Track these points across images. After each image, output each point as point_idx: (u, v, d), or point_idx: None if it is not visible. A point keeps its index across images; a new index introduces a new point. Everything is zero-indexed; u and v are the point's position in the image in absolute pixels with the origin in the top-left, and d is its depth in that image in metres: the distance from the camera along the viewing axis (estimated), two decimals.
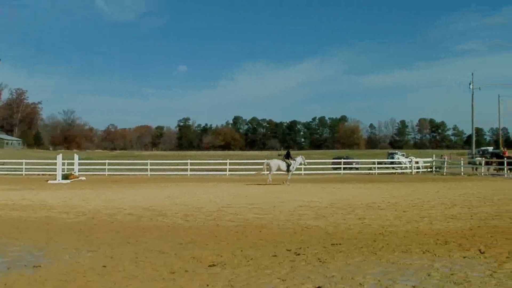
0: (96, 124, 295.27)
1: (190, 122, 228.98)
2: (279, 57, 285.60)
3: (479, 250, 9.95)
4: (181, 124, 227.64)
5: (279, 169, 34.51)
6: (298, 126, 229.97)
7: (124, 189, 28.46)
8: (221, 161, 55.67)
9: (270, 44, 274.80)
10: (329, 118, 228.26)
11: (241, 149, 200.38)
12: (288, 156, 34.97)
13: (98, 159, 60.92)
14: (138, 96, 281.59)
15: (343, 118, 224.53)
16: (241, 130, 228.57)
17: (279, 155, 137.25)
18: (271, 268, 8.68)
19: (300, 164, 35.79)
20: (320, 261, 9.18)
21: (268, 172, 34.69)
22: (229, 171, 49.31)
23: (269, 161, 36.20)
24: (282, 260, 9.28)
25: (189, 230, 13.17)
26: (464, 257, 9.39)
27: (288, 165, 34.18)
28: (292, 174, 35.17)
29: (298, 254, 9.81)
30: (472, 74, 70.46)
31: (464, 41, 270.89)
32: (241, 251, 10.24)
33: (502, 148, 56.31)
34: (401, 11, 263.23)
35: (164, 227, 13.85)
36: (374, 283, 7.64)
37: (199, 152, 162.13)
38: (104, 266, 8.89)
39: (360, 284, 7.58)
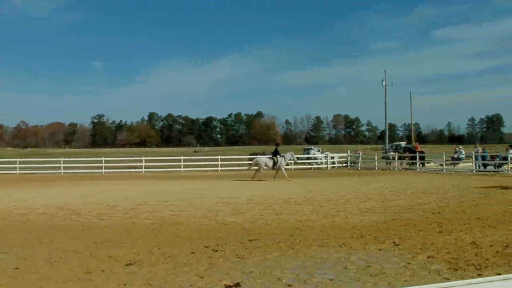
0: (6, 121, 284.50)
1: (105, 119, 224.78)
2: (196, 54, 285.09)
3: (394, 243, 10.20)
4: (95, 121, 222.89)
5: (266, 166, 33.91)
6: (214, 123, 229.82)
7: (37, 188, 27.50)
8: (136, 158, 54.58)
9: (187, 41, 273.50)
10: (245, 114, 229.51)
11: (157, 145, 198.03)
12: (276, 153, 34.55)
13: (8, 157, 58.57)
14: (50, 92, 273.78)
15: (259, 114, 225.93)
16: (156, 127, 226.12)
17: (195, 151, 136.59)
18: (189, 265, 8.59)
19: (290, 160, 35.99)
20: (238, 257, 9.16)
21: (257, 168, 34.25)
22: (145, 168, 48.58)
23: (257, 158, 36.16)
24: (200, 257, 9.20)
25: (105, 229, 12.86)
26: (380, 250, 9.60)
27: (275, 162, 33.82)
28: (265, 171, 34.73)
29: (216, 251, 9.76)
30: (385, 71, 72.57)
31: (379, 39, 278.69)
32: (159, 249, 10.09)
33: (414, 143, 58.12)
34: (318, 9, 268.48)
35: (78, 226, 13.46)
36: (292, 277, 7.68)
37: (114, 149, 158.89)
38: (17, 268, 8.53)
39: (278, 278, 7.61)
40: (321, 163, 54.64)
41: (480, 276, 7.36)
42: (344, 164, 54.48)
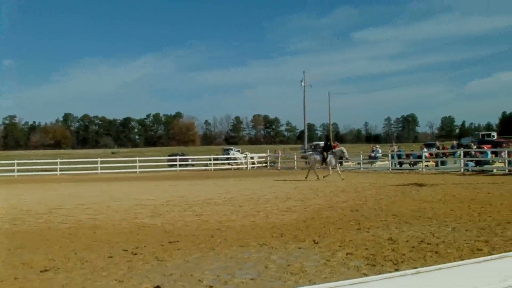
0: None
1: (17, 120, 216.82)
2: (112, 53, 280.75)
3: (313, 241, 10.27)
4: (6, 122, 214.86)
5: (316, 162, 31.59)
6: (132, 123, 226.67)
7: None
8: (51, 160, 52.95)
9: (103, 40, 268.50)
10: (164, 115, 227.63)
11: (72, 147, 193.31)
12: (326, 148, 31.77)
13: None
14: None
15: (178, 115, 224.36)
16: (72, 128, 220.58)
17: (112, 153, 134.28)
18: (107, 269, 8.34)
19: (341, 156, 32.35)
20: (158, 260, 8.99)
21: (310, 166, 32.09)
22: (60, 170, 47.20)
23: (308, 154, 35.17)
24: (119, 261, 8.97)
25: (18, 235, 12.33)
26: (300, 248, 9.65)
27: (324, 158, 30.99)
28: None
29: (135, 254, 9.54)
30: (304, 72, 73.80)
31: (299, 40, 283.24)
32: (75, 253, 9.75)
33: (332, 143, 59.22)
34: (238, 9, 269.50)
35: None
36: (213, 278, 7.60)
37: (27, 152, 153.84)
38: None
39: (199, 280, 7.51)
40: (241, 163, 54.82)
41: (397, 270, 7.49)
42: (263, 164, 54.85)
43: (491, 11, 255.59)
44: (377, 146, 48.73)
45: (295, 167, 47.44)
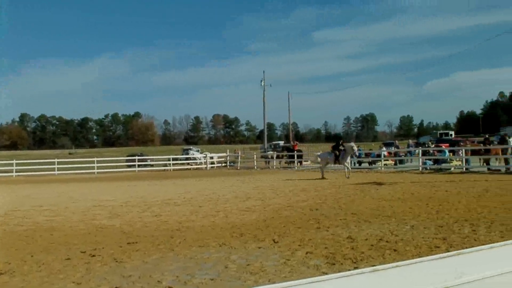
0: None
1: None
2: (70, 53, 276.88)
3: (273, 240, 10.29)
4: None
5: (328, 162, 30.59)
6: (90, 123, 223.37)
7: None
8: (6, 161, 51.90)
9: (60, 39, 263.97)
10: (122, 115, 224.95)
11: (29, 148, 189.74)
12: (337, 147, 30.47)
13: None
14: None
15: (137, 115, 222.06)
16: (28, 128, 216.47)
17: (70, 153, 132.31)
18: (64, 272, 8.20)
19: (352, 154, 31.02)
20: (116, 261, 8.88)
21: (319, 166, 31.16)
22: (16, 172, 46.30)
23: (317, 153, 33.27)
24: (77, 263, 8.83)
25: None
26: (259, 248, 9.65)
27: (336, 156, 29.80)
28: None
29: (93, 256, 9.41)
30: (264, 72, 73.63)
31: (259, 40, 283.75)
32: (32, 256, 9.58)
33: (292, 142, 59.42)
34: (198, 9, 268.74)
35: None
36: (172, 279, 7.55)
37: None
38: None
39: (158, 281, 7.45)
40: (201, 163, 54.66)
41: (356, 269, 7.55)
42: (223, 164, 54.78)
43: (448, 12, 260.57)
44: None
45: (255, 167, 47.50)
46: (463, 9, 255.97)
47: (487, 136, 39.36)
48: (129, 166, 53.76)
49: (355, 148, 31.33)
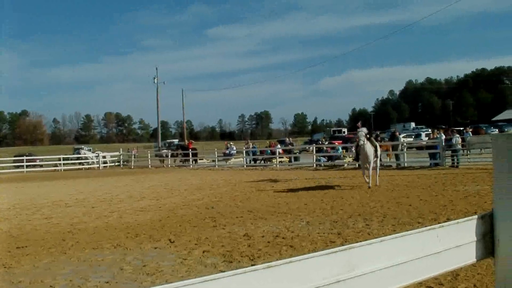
0: None
1: None
2: None
3: (169, 240, 10.22)
4: None
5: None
6: None
7: None
8: None
9: None
10: (8, 113, 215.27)
11: None
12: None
13: None
14: None
15: (24, 113, 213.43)
16: None
17: None
18: None
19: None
20: (5, 267, 8.52)
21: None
22: None
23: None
24: None
25: None
26: (155, 248, 9.57)
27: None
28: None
29: None
30: (157, 68, 73.08)
31: (152, 37, 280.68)
32: None
33: (187, 140, 59.25)
34: (90, 2, 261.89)
35: None
36: (65, 283, 7.34)
37: None
38: None
39: (50, 286, 7.23)
40: (93, 163, 53.45)
41: (253, 266, 7.63)
42: (117, 163, 53.86)
43: (343, 11, 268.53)
44: (231, 143, 49.41)
45: (150, 166, 47.01)
46: (355, 8, 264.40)
47: (378, 132, 40.85)
48: (17, 167, 51.77)
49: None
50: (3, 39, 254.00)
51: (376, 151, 19.28)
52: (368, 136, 19.22)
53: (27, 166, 50.98)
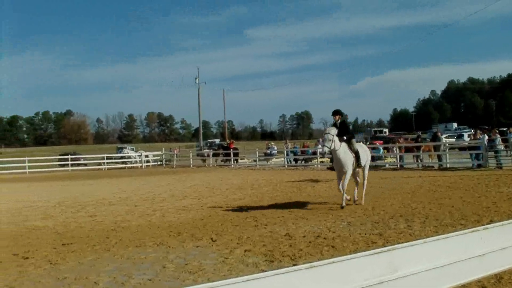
0: None
1: None
2: None
3: (211, 239, 10.28)
4: None
5: None
6: (20, 122, 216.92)
7: None
8: None
9: None
10: (53, 113, 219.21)
11: None
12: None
13: None
14: None
15: (69, 113, 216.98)
16: None
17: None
18: None
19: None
20: (51, 263, 8.69)
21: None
22: None
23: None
24: (8, 266, 8.59)
25: None
26: (197, 247, 9.63)
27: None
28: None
29: (27, 258, 9.18)
30: (198, 69, 73.72)
31: (191, 37, 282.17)
32: None
33: (228, 140, 59.45)
34: (129, 3, 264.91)
35: None
36: (109, 280, 7.45)
37: None
38: None
39: (95, 283, 7.34)
40: (135, 162, 54.03)
41: (294, 265, 7.64)
42: (159, 163, 54.31)
43: (379, 11, 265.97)
44: (272, 143, 49.36)
45: (191, 165, 47.29)
46: (391, 8, 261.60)
47: (419, 133, 40.37)
48: (62, 166, 52.70)
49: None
50: (48, 40, 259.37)
51: (357, 158, 14.58)
52: (343, 138, 14.44)
53: (72, 165, 51.84)
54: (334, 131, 14.05)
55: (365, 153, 15.48)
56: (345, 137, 14.42)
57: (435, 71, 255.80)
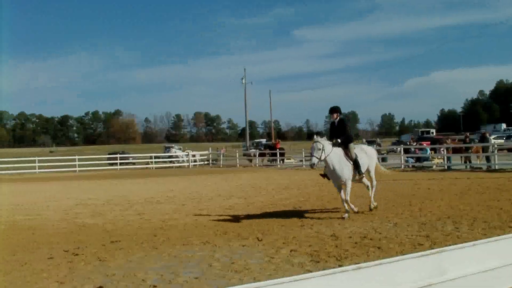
0: None
1: None
2: (46, 48, 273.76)
3: (257, 238, 10.29)
4: None
5: None
6: (71, 121, 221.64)
7: None
8: None
9: (36, 34, 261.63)
10: (103, 113, 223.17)
11: (8, 146, 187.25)
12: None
13: None
14: None
15: (118, 112, 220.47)
16: (8, 126, 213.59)
17: (51, 151, 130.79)
18: (47, 271, 8.15)
19: None
20: (100, 260, 8.84)
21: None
22: None
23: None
24: (59, 262, 8.78)
25: None
26: (243, 246, 9.65)
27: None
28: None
29: (76, 255, 9.36)
30: (245, 69, 73.87)
31: (238, 38, 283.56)
32: (14, 255, 9.51)
33: (274, 140, 59.47)
34: (178, 5, 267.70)
35: None
36: (156, 278, 7.52)
37: None
38: None
39: (142, 280, 7.42)
40: (183, 161, 54.52)
41: (340, 266, 7.60)
42: (206, 162, 54.68)
43: (424, 11, 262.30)
44: None
45: (238, 165, 47.46)
46: (436, 8, 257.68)
47: (467, 134, 39.69)
48: (111, 164, 53.60)
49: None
50: (97, 41, 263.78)
51: (356, 166, 13.28)
52: (338, 140, 13.37)
53: (121, 164, 52.65)
54: (323, 139, 12.98)
55: (366, 157, 14.10)
56: (339, 140, 13.26)
57: (483, 71, 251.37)
